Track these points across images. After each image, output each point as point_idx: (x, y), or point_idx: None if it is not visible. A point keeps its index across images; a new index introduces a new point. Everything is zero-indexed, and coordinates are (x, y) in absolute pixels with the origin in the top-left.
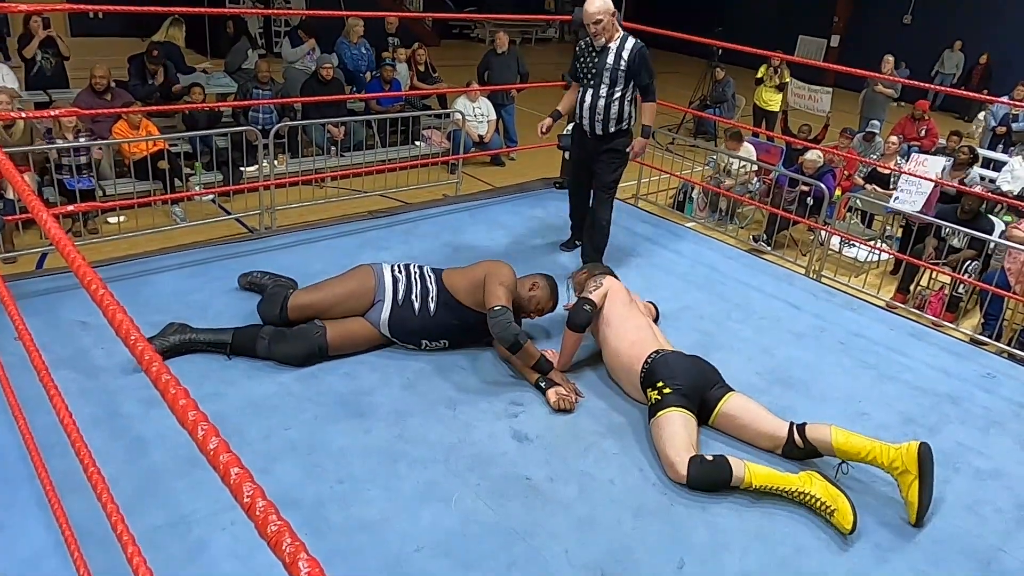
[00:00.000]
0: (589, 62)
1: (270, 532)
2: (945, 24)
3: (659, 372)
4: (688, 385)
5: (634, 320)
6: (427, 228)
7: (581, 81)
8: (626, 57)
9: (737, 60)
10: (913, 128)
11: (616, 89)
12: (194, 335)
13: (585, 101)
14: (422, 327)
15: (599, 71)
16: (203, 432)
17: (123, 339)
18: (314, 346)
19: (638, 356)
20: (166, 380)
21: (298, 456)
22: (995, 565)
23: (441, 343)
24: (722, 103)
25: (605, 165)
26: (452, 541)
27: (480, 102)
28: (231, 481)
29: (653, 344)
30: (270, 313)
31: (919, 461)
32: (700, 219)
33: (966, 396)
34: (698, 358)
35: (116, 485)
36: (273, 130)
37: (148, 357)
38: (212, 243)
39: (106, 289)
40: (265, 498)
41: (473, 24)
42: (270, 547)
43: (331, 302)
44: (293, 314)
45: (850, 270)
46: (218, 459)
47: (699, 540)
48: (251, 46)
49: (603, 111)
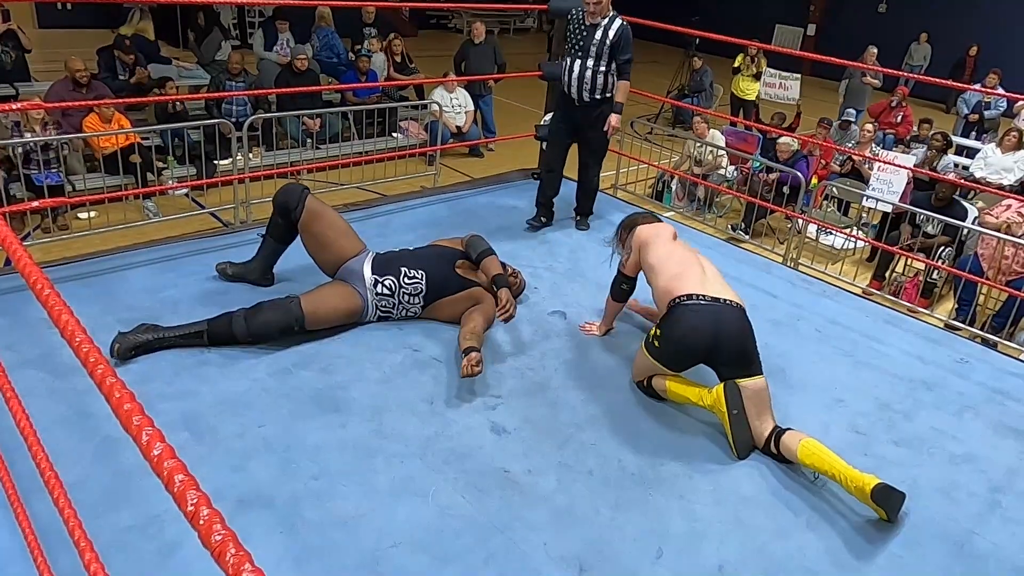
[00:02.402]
0: (579, 36)
1: (214, 542)
2: (918, 14)
3: (670, 319)
4: (684, 351)
5: (677, 256)
6: (405, 221)
7: (569, 52)
8: (612, 36)
9: (715, 49)
10: (889, 114)
11: (601, 63)
12: (167, 332)
13: (573, 71)
14: (402, 257)
15: (586, 45)
16: (147, 437)
17: (67, 340)
18: (291, 316)
19: (671, 291)
20: (111, 383)
21: (273, 453)
22: (968, 548)
23: (418, 273)
24: (700, 92)
25: (596, 129)
26: (429, 536)
27: (458, 93)
28: (175, 489)
29: (693, 284)
30: (286, 201)
31: (875, 502)
32: (678, 208)
33: (940, 382)
34: (732, 323)
35: (85, 486)
36: (247, 122)
37: (93, 359)
38: (186, 238)
39: (52, 289)
40: (210, 506)
41: (450, 14)
42: (213, 557)
43: (336, 232)
44: (307, 216)
45: (827, 258)
46: (162, 465)
47: (677, 530)
48: (224, 37)
49: (590, 80)
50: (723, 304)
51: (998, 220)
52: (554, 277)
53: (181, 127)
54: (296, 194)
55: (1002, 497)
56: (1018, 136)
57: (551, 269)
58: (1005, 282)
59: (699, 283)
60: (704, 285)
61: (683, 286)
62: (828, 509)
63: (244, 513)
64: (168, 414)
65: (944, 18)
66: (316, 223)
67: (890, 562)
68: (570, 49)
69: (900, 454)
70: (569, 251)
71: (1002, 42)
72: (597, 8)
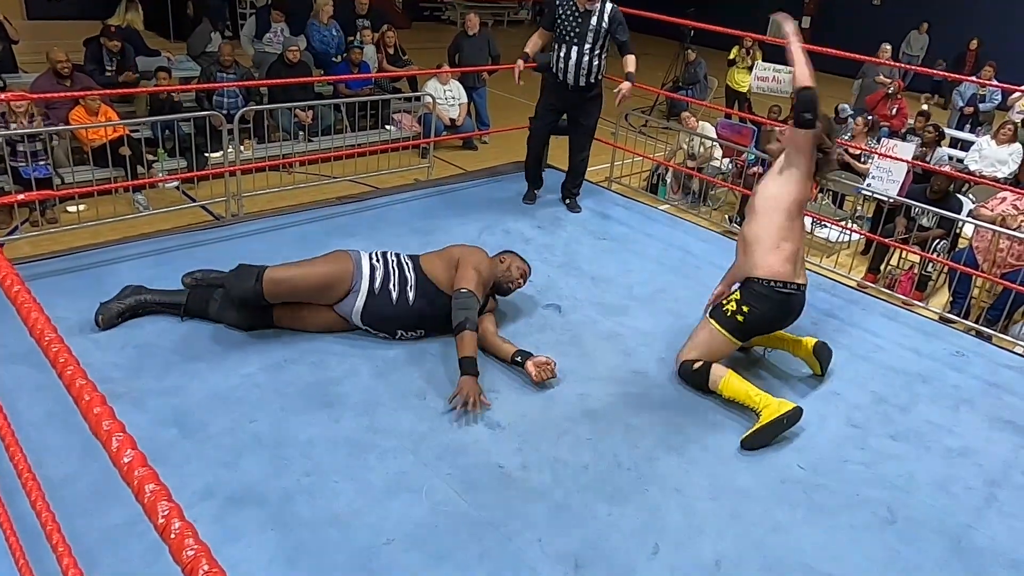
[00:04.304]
0: (574, 23)
1: (185, 558)
2: (913, 6)
3: (766, 302)
4: (764, 331)
5: (798, 230)
6: (398, 214)
7: (563, 39)
8: (607, 19)
9: (709, 42)
10: (885, 106)
11: (597, 46)
12: (149, 296)
13: (571, 58)
14: (398, 315)
15: (583, 31)
16: (117, 444)
17: (36, 339)
18: (255, 274)
19: (776, 273)
20: (80, 385)
21: (264, 449)
22: (966, 542)
23: (417, 332)
24: (694, 84)
25: (590, 112)
26: (422, 532)
27: (451, 85)
28: (145, 499)
29: (797, 271)
30: (243, 285)
31: (816, 356)
32: (673, 201)
33: (936, 375)
34: (799, 310)
35: (73, 483)
36: (238, 115)
37: (63, 360)
38: (177, 231)
39: (22, 285)
40: (183, 519)
41: (444, 6)
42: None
43: (308, 283)
44: (268, 287)
45: (822, 251)
46: (132, 474)
47: (674, 524)
48: (214, 28)
49: (587, 65)
50: (803, 291)
51: (993, 213)
52: (549, 270)
53: (172, 119)
54: (250, 277)
55: (998, 491)
56: (1013, 129)
57: (546, 262)
58: (1000, 275)
59: (800, 269)
60: (801, 271)
61: (789, 271)
62: (825, 503)
63: (236, 510)
64: (158, 410)
65: (941, 11)
66: (285, 285)
67: (888, 556)
68: (564, 36)
69: (897, 448)
70: (564, 244)
71: (1004, 35)
72: None
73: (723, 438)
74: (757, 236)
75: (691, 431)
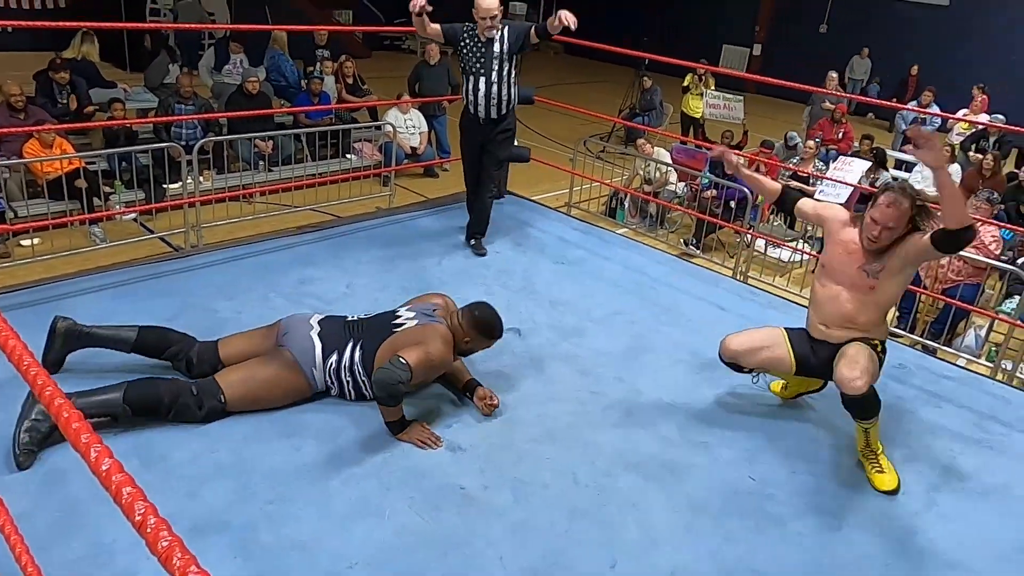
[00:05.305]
0: (478, 54)
1: (160, 549)
2: (857, 34)
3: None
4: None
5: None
6: (360, 242)
7: (470, 72)
8: (508, 38)
9: (664, 69)
10: (831, 130)
11: (505, 70)
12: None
13: (479, 90)
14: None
15: (488, 61)
16: (95, 454)
17: (15, 365)
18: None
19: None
20: (59, 404)
21: (227, 478)
22: (909, 544)
23: None
24: (650, 111)
25: (501, 144)
26: (386, 555)
27: (412, 114)
28: (123, 500)
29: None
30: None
31: None
32: (632, 225)
33: (880, 387)
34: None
35: (33, 517)
36: (197, 145)
37: (41, 382)
38: (135, 263)
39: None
40: (171, 531)
41: (404, 36)
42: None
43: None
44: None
45: (775, 270)
46: (118, 488)
47: (630, 538)
48: (171, 60)
49: (497, 95)
50: None
51: None
52: (508, 294)
53: (129, 151)
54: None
55: (938, 495)
56: (951, 151)
57: (506, 287)
58: (941, 290)
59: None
60: None
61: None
62: (776, 514)
63: (199, 538)
64: (118, 443)
65: (883, 38)
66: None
67: (832, 560)
68: (470, 69)
69: (843, 458)
70: (523, 269)
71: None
72: (494, 22)
73: (678, 453)
74: (883, 307)
75: (647, 448)
